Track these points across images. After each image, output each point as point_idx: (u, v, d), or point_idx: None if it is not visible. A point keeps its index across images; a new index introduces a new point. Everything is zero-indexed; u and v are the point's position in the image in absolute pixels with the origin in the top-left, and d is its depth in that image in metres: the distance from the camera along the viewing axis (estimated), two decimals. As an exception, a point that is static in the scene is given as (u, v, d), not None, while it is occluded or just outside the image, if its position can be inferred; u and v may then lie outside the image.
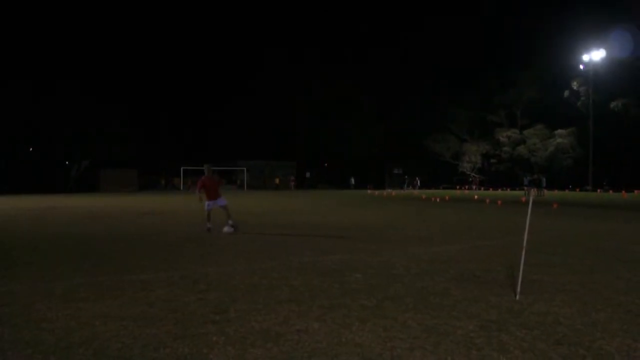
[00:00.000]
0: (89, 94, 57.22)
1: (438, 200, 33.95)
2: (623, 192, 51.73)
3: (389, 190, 61.26)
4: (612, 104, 63.44)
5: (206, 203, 13.82)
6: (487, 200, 31.45)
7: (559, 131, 69.03)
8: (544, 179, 46.37)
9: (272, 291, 6.65)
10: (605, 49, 63.54)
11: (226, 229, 13.35)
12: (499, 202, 28.87)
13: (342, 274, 7.81)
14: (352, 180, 68.98)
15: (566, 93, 68.15)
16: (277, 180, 67.12)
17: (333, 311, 5.66)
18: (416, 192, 54.42)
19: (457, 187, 66.08)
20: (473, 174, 74.51)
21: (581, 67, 66.17)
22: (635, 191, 53.40)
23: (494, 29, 73.14)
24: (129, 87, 66.18)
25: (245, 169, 64.60)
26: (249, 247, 10.73)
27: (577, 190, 59.37)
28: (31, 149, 60.14)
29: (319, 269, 8.17)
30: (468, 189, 67.40)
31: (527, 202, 29.97)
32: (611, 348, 4.51)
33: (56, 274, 7.85)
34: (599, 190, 56.97)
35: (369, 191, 55.94)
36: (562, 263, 8.83)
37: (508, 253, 9.69)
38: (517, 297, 6.21)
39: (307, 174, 76.13)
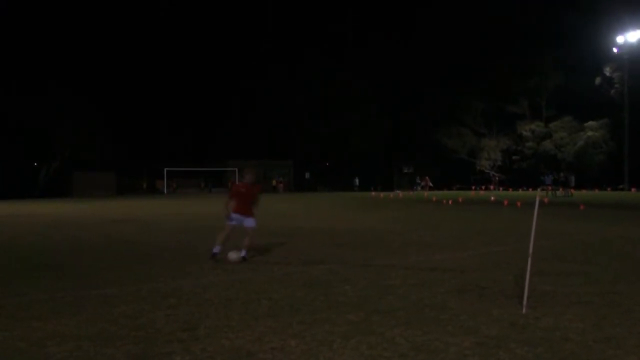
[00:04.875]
0: (61, 87, 57.04)
1: (450, 202, 33.97)
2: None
3: (397, 191, 61.19)
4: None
5: (230, 215, 10.85)
6: (505, 202, 31.45)
7: (590, 123, 68.66)
8: (573, 178, 46.26)
9: (249, 305, 6.69)
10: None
11: (234, 255, 10.45)
12: (518, 203, 28.85)
13: (330, 285, 7.85)
14: (357, 181, 68.89)
15: (598, 80, 67.81)
16: (273, 182, 67.11)
17: (314, 327, 5.69)
18: (426, 193, 54.32)
19: (473, 187, 65.96)
20: (492, 173, 74.18)
21: (615, 50, 65.82)
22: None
23: (513, 5, 72.58)
24: (105, 80, 65.85)
25: (236, 169, 64.63)
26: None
27: (609, 189, 59.24)
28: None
29: (304, 280, 8.21)
30: (485, 189, 67.19)
31: (549, 203, 30.04)
32: (625, 367, 4.54)
33: (7, 290, 7.87)
34: (633, 189, 56.80)
35: (373, 193, 55.89)
36: (581, 272, 8.84)
37: (520, 261, 9.66)
38: (524, 310, 6.22)
39: (307, 175, 76.00)
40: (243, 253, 10.50)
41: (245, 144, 72.50)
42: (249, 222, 10.83)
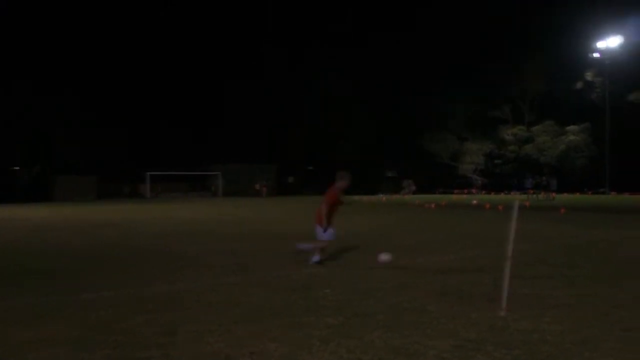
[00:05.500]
0: (42, 93, 56.69)
1: (433, 206, 34.09)
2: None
3: (380, 195, 61.36)
4: (631, 96, 63.90)
5: (328, 231, 10.09)
6: (487, 206, 31.60)
7: (571, 127, 69.31)
8: (554, 181, 46.62)
9: (230, 309, 6.69)
10: (624, 34, 63.97)
11: (385, 256, 9.71)
12: (500, 207, 29.00)
13: (310, 289, 7.87)
14: (340, 186, 68.80)
15: (579, 85, 68.50)
16: (256, 186, 66.98)
17: (294, 330, 5.70)
18: (408, 197, 54.57)
19: (456, 191, 66.27)
20: (475, 176, 74.63)
21: (596, 55, 66.50)
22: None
23: (495, 11, 73.08)
24: (89, 83, 65.39)
25: (220, 173, 64.46)
26: (213, 261, 10.72)
27: (590, 193, 59.73)
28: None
29: (285, 284, 8.22)
30: (467, 193, 67.58)
31: (530, 207, 30.22)
32: (600, 368, 4.59)
33: (-15, 296, 7.81)
34: (613, 193, 57.35)
35: (356, 197, 56.01)
36: (561, 275, 8.92)
37: (500, 264, 9.72)
38: (503, 313, 6.27)
39: (290, 179, 75.88)
40: (306, 246, 10.29)
41: (229, 148, 72.27)
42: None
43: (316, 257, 10.06)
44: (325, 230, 9.97)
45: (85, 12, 70.62)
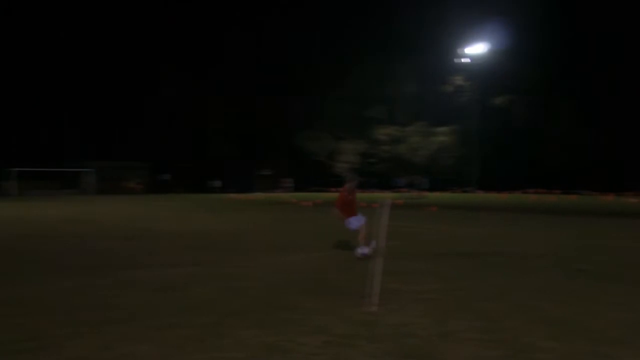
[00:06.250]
0: None
1: (309, 204, 34.48)
2: (504, 193, 55.07)
3: (257, 193, 61.45)
4: (497, 100, 67.39)
5: (352, 220, 11.57)
6: (362, 204, 32.26)
7: (441, 129, 72.06)
8: (426, 180, 48.27)
9: (100, 311, 6.47)
10: (490, 42, 67.43)
11: (362, 250, 10.60)
12: (375, 205, 29.70)
13: (184, 288, 7.75)
14: (217, 183, 68.35)
15: (449, 88, 71.42)
16: (130, 184, 65.27)
17: (167, 331, 5.60)
18: (285, 195, 54.94)
19: (332, 189, 67.26)
20: (349, 175, 75.96)
21: (465, 60, 69.67)
22: (516, 192, 57.15)
23: (369, 15, 75.06)
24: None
25: (93, 170, 62.30)
26: (81, 262, 10.33)
27: (459, 191, 62.44)
28: None
29: (158, 284, 8.05)
30: (342, 191, 68.76)
31: (403, 205, 31.16)
32: (461, 358, 4.80)
33: None
34: (480, 192, 60.27)
35: (232, 195, 55.78)
36: (429, 270, 9.28)
37: (371, 261, 9.98)
38: (373, 308, 6.44)
39: (165, 176, 74.39)
40: (364, 250, 10.55)
41: (103, 145, 70.12)
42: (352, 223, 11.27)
43: (364, 249, 10.62)
44: (348, 223, 11.40)
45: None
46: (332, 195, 55.17)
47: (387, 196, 10.70)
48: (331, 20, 75.23)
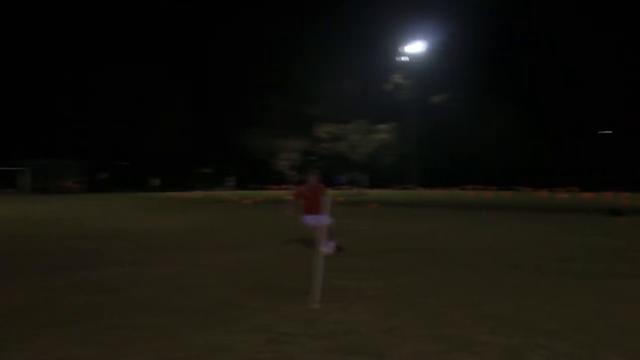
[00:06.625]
0: None
1: (250, 202, 34.40)
2: (442, 190, 56.05)
3: (197, 191, 60.92)
4: (434, 98, 68.43)
5: (305, 218, 11.32)
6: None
7: (381, 126, 72.73)
8: (366, 177, 48.65)
9: (38, 314, 6.28)
10: (427, 41, 68.48)
11: (325, 248, 9.97)
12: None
13: (126, 288, 7.61)
14: (157, 182, 67.49)
15: (388, 86, 72.13)
16: (68, 183, 63.83)
17: (107, 332, 5.48)
18: (226, 193, 54.69)
19: (273, 187, 67.32)
20: (291, 172, 76.07)
21: (403, 59, 70.52)
22: (454, 188, 58.24)
23: (309, 14, 75.28)
24: None
25: (28, 169, 60.69)
26: (20, 262, 10.06)
27: (398, 188, 63.23)
28: None
29: (99, 285, 7.87)
30: (284, 189, 68.90)
31: (344, 202, 31.37)
32: (403, 354, 4.85)
33: None
34: (419, 189, 61.20)
35: (172, 193, 55.17)
36: (370, 267, 9.36)
37: (313, 258, 10.01)
38: (316, 305, 6.45)
39: (103, 175, 72.93)
40: (331, 245, 10.72)
41: (39, 143, 68.30)
42: (324, 220, 10.42)
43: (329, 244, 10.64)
44: (304, 220, 11.26)
45: None
46: (274, 193, 55.21)
47: (328, 194, 10.69)
48: (272, 18, 75.05)
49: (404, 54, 70.06)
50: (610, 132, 73.85)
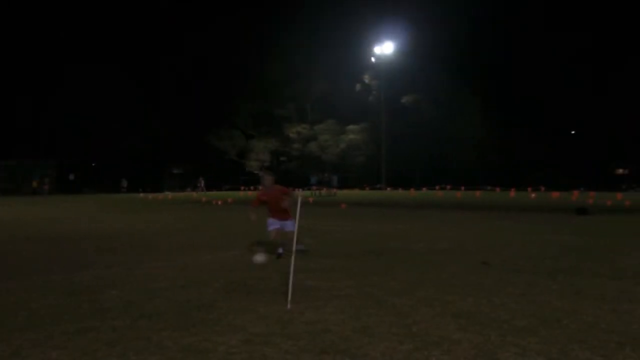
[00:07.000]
0: None
1: (220, 202, 34.28)
2: (412, 190, 56.36)
3: (167, 192, 60.56)
4: (404, 99, 68.84)
5: (268, 221, 10.85)
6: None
7: (351, 127, 73.04)
8: (335, 178, 48.84)
9: (5, 317, 6.21)
10: (397, 42, 68.78)
11: (259, 257, 10.04)
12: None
13: (95, 291, 7.55)
14: (125, 183, 66.94)
15: (358, 87, 72.43)
16: (34, 184, 62.95)
17: (78, 336, 5.44)
18: (195, 194, 54.51)
19: (242, 187, 67.12)
20: (261, 173, 75.97)
21: (372, 59, 70.74)
22: (423, 188, 58.63)
23: (273, 15, 75.17)
24: None
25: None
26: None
27: (368, 189, 63.43)
28: None
29: (68, 288, 7.80)
30: (254, 189, 68.73)
31: (314, 202, 31.44)
32: (376, 353, 4.90)
33: None
34: (388, 189, 61.48)
35: (141, 194, 54.75)
36: (341, 267, 9.41)
37: (285, 259, 10.00)
38: (289, 306, 6.48)
39: (71, 176, 72.06)
40: (300, 246, 10.24)
41: (5, 142, 67.40)
42: (288, 226, 10.69)
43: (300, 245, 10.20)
44: (268, 224, 10.86)
45: None
46: (243, 194, 55.07)
47: (298, 194, 10.74)
48: (243, 19, 74.82)
49: (374, 55, 70.29)
50: (573, 132, 75.16)
